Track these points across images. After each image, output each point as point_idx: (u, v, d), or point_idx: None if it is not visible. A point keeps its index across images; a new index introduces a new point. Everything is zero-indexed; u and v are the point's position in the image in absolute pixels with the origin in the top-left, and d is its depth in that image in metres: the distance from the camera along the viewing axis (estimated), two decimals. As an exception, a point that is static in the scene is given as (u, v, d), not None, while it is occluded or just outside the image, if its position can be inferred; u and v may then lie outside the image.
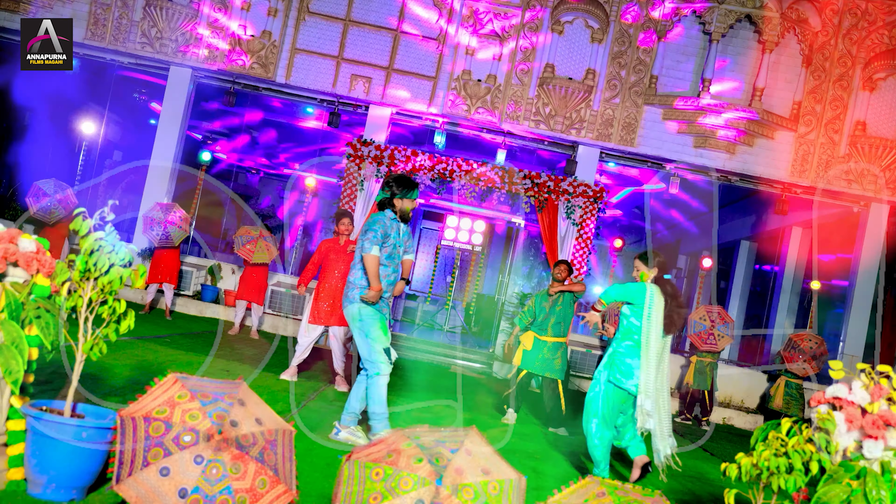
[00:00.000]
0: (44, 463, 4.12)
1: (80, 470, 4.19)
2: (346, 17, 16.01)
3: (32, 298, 4.24)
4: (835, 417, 4.18)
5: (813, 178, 15.68)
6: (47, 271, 4.35)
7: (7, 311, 4.12)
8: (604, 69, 15.78)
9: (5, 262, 4.23)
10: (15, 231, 4.37)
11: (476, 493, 3.77)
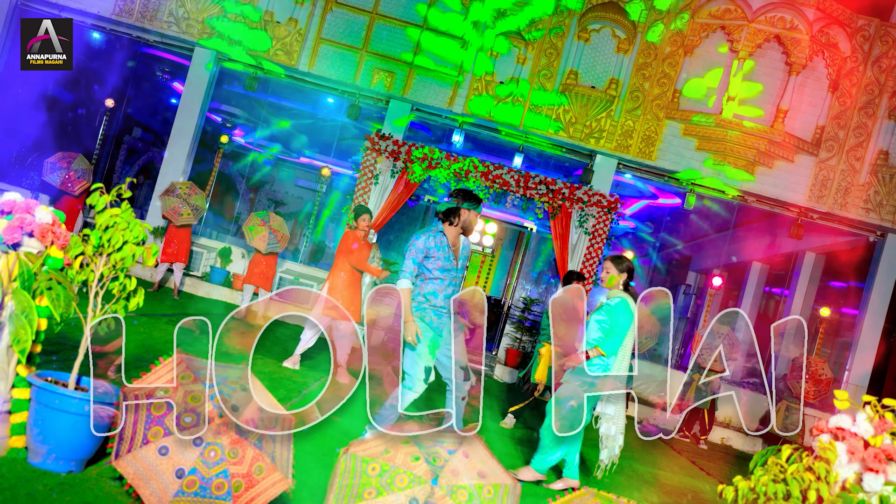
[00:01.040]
0: (45, 433, 4.14)
1: (81, 443, 4.21)
2: (373, 10, 16.00)
3: (45, 270, 4.25)
4: (836, 448, 4.13)
5: (830, 204, 15.61)
6: (61, 244, 4.37)
7: (20, 281, 4.14)
8: (627, 80, 15.74)
9: (21, 233, 4.24)
10: (33, 202, 4.39)
11: (470, 496, 3.80)
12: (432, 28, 15.95)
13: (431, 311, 6.70)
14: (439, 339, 6.71)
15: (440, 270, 6.68)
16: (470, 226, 6.82)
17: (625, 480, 8.57)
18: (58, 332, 4.77)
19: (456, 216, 6.80)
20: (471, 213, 6.79)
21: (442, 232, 6.78)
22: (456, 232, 6.79)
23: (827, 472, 4.03)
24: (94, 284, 4.34)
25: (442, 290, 6.71)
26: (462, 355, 6.85)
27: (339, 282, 9.82)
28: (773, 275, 20.54)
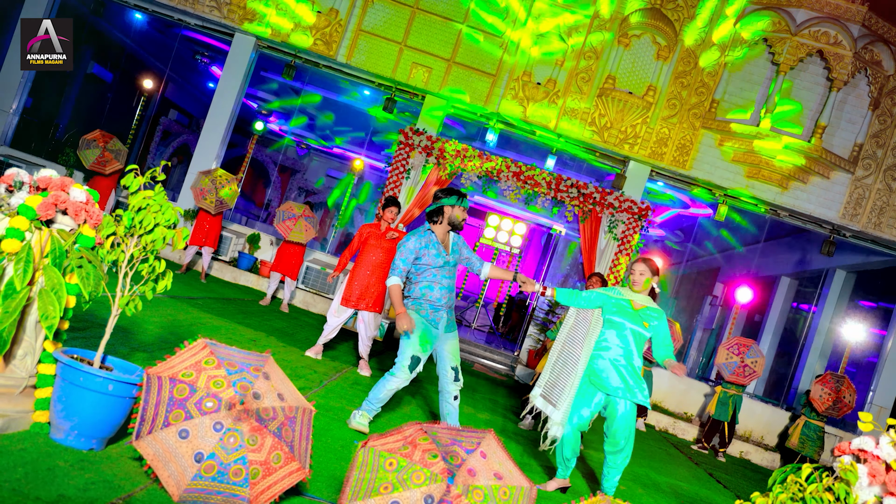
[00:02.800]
0: (69, 410, 4.17)
1: (103, 421, 4.24)
2: (415, 4, 15.99)
3: (76, 248, 4.27)
4: (857, 469, 4.12)
5: (864, 222, 15.47)
6: (94, 223, 4.39)
7: (51, 258, 4.16)
8: (665, 87, 15.65)
9: (55, 209, 4.26)
10: (68, 179, 4.40)
11: (486, 497, 3.78)
12: (473, 25, 15.92)
13: (427, 305, 6.83)
14: (433, 332, 6.84)
15: (433, 267, 6.86)
16: (456, 221, 6.97)
17: (641, 490, 8.52)
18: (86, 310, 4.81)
19: (439, 215, 6.95)
20: (455, 208, 6.93)
21: (430, 231, 6.93)
22: (443, 229, 6.96)
23: (847, 494, 4.03)
24: (124, 265, 4.35)
25: (437, 283, 6.87)
26: (454, 356, 6.93)
27: (360, 272, 9.83)
28: (802, 290, 20.40)
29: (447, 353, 6.91)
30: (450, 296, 6.94)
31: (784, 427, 15.56)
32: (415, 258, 6.85)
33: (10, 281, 4.06)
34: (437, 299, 6.85)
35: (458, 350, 7.01)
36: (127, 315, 4.46)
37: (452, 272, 7.00)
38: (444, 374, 6.91)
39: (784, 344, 20.22)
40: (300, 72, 17.20)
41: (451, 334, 6.97)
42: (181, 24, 17.08)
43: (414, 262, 6.88)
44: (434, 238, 6.90)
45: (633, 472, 9.45)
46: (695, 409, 15.75)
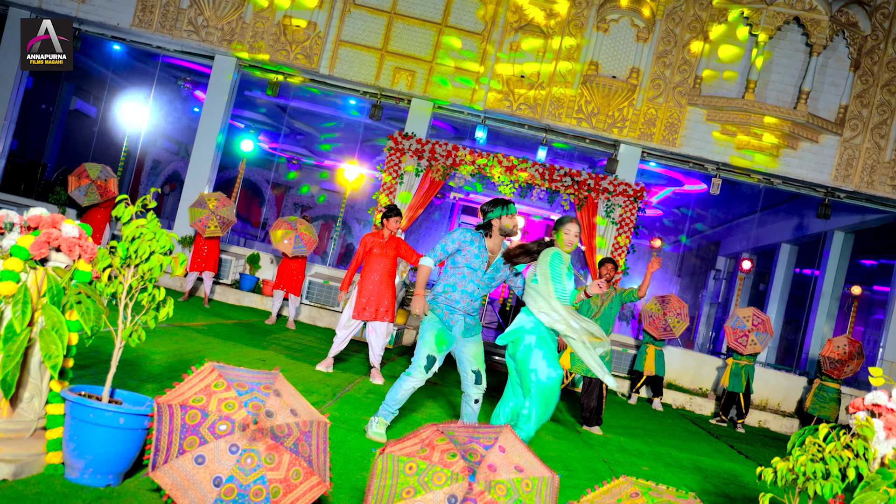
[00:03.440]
0: (81, 448, 4.14)
1: (117, 455, 4.21)
2: (391, 9, 16.00)
3: (74, 284, 4.24)
4: (873, 424, 4.17)
5: (857, 182, 15.49)
6: (89, 257, 4.36)
7: (49, 296, 4.13)
8: (648, 68, 15.67)
9: (48, 247, 4.24)
10: (59, 216, 4.37)
11: (509, 491, 3.76)
12: (451, 25, 15.92)
13: (444, 305, 6.73)
14: (449, 335, 6.73)
15: (467, 266, 6.68)
16: (507, 229, 6.75)
17: (664, 468, 8.53)
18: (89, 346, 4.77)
19: (489, 228, 6.79)
20: (502, 219, 6.74)
21: (483, 234, 6.81)
22: (496, 241, 6.78)
23: (865, 449, 4.05)
24: (124, 296, 4.30)
25: (462, 286, 6.71)
26: (475, 360, 6.82)
27: (368, 283, 9.80)
28: (803, 256, 20.41)
29: (467, 356, 6.79)
30: (471, 302, 6.77)
31: (801, 392, 15.61)
32: (455, 250, 6.73)
33: (9, 324, 4.03)
34: (455, 301, 6.72)
35: (482, 354, 6.86)
36: (131, 346, 4.37)
37: (484, 283, 6.81)
38: (464, 376, 6.82)
39: (791, 310, 20.23)
40: (284, 87, 17.19)
41: (472, 339, 6.83)
42: (161, 51, 17.07)
43: (453, 254, 6.77)
44: (483, 242, 6.75)
45: (655, 451, 9.50)
46: (709, 383, 15.78)
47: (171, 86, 19.94)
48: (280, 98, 17.79)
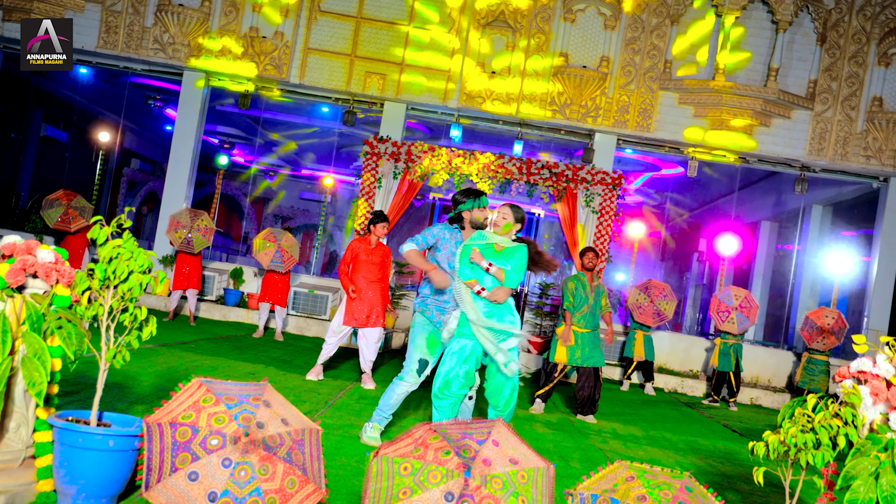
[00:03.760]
0: (73, 473, 4.10)
1: (109, 479, 4.18)
2: (358, 14, 15.96)
3: (53, 309, 4.19)
4: (860, 391, 4.17)
5: (831, 155, 15.57)
6: (67, 281, 4.31)
7: (28, 323, 4.09)
8: (617, 56, 15.71)
9: (24, 274, 4.19)
10: (33, 242, 4.33)
11: (505, 483, 3.75)
12: (419, 25, 15.91)
13: (434, 306, 6.70)
14: (440, 336, 6.66)
15: (449, 265, 6.64)
16: (477, 222, 6.71)
17: (660, 451, 8.57)
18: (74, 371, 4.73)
19: (461, 220, 6.78)
20: (473, 211, 6.71)
21: (458, 228, 6.80)
22: (469, 233, 6.72)
23: (854, 417, 4.07)
24: (105, 318, 4.26)
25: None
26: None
27: (356, 289, 9.78)
28: (784, 232, 20.49)
29: None
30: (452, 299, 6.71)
31: (791, 367, 15.73)
32: (433, 245, 6.68)
33: (-11, 354, 3.99)
34: (444, 301, 6.70)
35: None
36: (117, 368, 4.33)
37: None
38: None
39: (775, 286, 20.29)
40: (256, 99, 17.14)
41: None
42: (128, 71, 16.99)
43: (433, 251, 6.74)
44: (459, 236, 6.73)
45: (649, 436, 9.54)
46: (699, 365, 15.85)
47: (141, 105, 19.84)
48: (252, 110, 17.72)
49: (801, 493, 4.24)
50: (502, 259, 6.36)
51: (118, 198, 21.38)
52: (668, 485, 3.86)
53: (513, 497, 3.74)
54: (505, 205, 6.58)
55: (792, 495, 4.19)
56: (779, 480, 4.24)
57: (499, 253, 6.38)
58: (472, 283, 6.30)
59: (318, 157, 22.20)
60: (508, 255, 6.37)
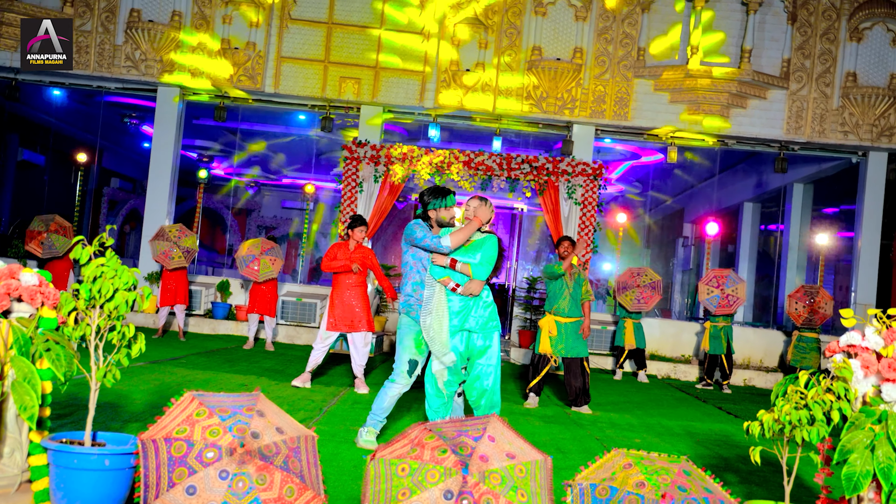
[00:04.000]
0: (70, 495, 4.06)
1: (107, 498, 4.14)
2: (328, 20, 15.92)
3: (40, 332, 4.16)
4: (851, 365, 4.18)
5: (809, 133, 15.64)
6: (52, 303, 4.29)
7: (16, 348, 4.06)
8: (591, 46, 15.72)
9: (9, 299, 4.18)
10: (16, 266, 4.32)
11: (503, 479, 3.76)
12: (391, 27, 15.88)
13: (418, 305, 6.66)
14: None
15: (429, 261, 6.63)
16: (442, 222, 6.74)
17: (656, 438, 8.57)
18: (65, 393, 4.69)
19: (428, 218, 6.79)
20: (439, 211, 6.73)
21: (430, 226, 6.77)
22: (436, 231, 6.72)
23: (846, 391, 4.09)
24: (93, 338, 4.23)
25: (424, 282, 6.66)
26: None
27: (340, 295, 9.77)
28: (766, 212, 20.56)
29: None
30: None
31: (782, 346, 15.80)
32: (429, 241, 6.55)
33: (-22, 381, 3.95)
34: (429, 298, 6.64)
35: None
36: (107, 387, 4.30)
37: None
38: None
39: (761, 267, 20.37)
40: (232, 111, 17.08)
41: None
42: (102, 90, 16.93)
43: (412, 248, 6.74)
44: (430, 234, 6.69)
45: (645, 423, 9.52)
46: (690, 349, 15.88)
47: (118, 124, 19.73)
48: (230, 122, 17.63)
49: (799, 470, 4.27)
50: (471, 252, 6.41)
51: (99, 218, 21.24)
52: (666, 470, 3.87)
53: (512, 491, 3.74)
54: (473, 198, 6.64)
55: (790, 473, 4.21)
56: (776, 459, 4.25)
57: (468, 247, 6.44)
58: (446, 280, 6.35)
59: (298, 166, 22.12)
60: (477, 246, 6.43)
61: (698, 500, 3.74)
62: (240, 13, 15.91)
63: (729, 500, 3.88)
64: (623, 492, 3.79)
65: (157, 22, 15.70)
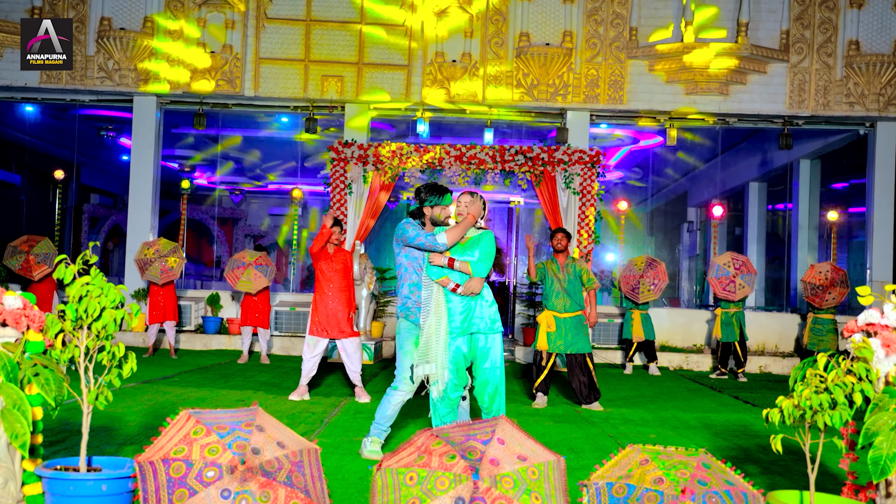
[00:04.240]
0: (67, 524, 4.02)
1: (106, 525, 4.10)
2: (307, 17, 15.57)
3: (27, 356, 4.10)
4: (871, 344, 4.13)
5: (813, 106, 15.30)
6: (38, 326, 4.22)
7: (3, 374, 3.96)
8: (580, 29, 15.35)
9: (-7, 325, 4.11)
10: (-2, 289, 4.25)
11: (516, 482, 3.72)
12: (372, 21, 15.54)
13: (416, 308, 6.56)
14: None
15: (423, 261, 6.54)
16: (437, 220, 6.62)
17: (671, 432, 8.41)
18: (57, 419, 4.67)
19: (422, 216, 6.70)
20: (434, 209, 6.63)
21: (421, 224, 6.68)
22: (429, 230, 6.64)
23: (867, 371, 4.04)
24: (82, 359, 4.17)
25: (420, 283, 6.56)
26: None
27: (323, 300, 9.69)
28: (773, 191, 20.36)
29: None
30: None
31: (797, 330, 15.50)
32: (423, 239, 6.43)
33: (-33, 411, 3.90)
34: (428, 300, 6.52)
35: None
36: (100, 409, 4.24)
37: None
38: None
39: (771, 249, 20.13)
40: (212, 118, 16.79)
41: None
42: (76, 103, 16.61)
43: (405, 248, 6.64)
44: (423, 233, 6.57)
45: (659, 417, 9.40)
46: (702, 338, 15.61)
47: (94, 138, 19.43)
48: (210, 129, 17.28)
49: (823, 457, 4.19)
50: (468, 249, 6.39)
51: (81, 236, 20.91)
52: (685, 464, 3.85)
53: (525, 494, 3.70)
54: (463, 193, 6.60)
55: (813, 460, 4.14)
56: (798, 447, 4.16)
57: (464, 244, 6.42)
58: (444, 280, 6.29)
59: (284, 170, 21.92)
60: (474, 243, 6.41)
61: (720, 494, 3.70)
62: (214, 15, 15.56)
63: (751, 492, 3.83)
64: (641, 489, 3.76)
65: (128, 30, 15.32)
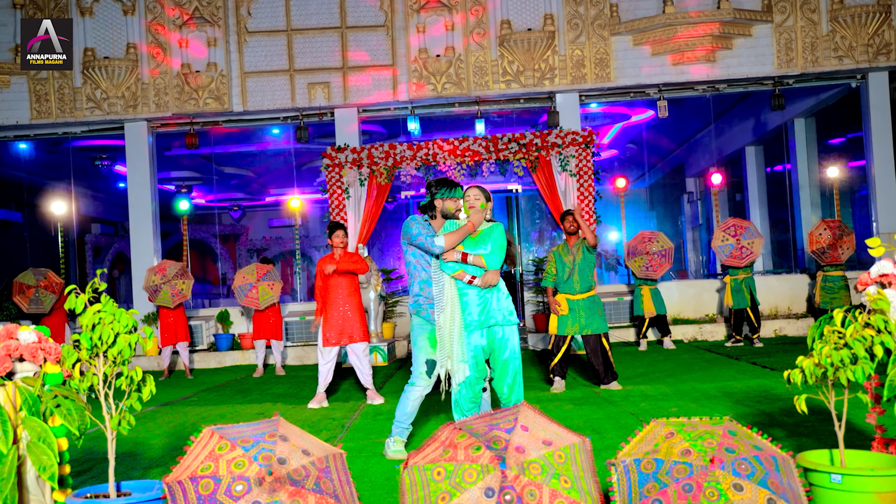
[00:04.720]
0: (101, 551, 4.01)
1: (139, 548, 4.10)
2: (287, 27, 15.55)
3: (47, 388, 4.09)
4: (886, 295, 4.06)
5: (802, 64, 15.17)
6: (55, 358, 4.22)
7: (25, 408, 3.98)
8: (561, 11, 15.27)
9: (10, 360, 4.10)
10: (12, 326, 4.23)
11: (544, 467, 3.74)
12: (352, 25, 15.50)
13: (427, 304, 6.55)
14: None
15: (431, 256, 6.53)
16: (448, 213, 6.58)
17: (693, 404, 8.34)
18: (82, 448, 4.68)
19: (432, 209, 6.66)
20: (445, 201, 6.58)
21: (432, 216, 6.66)
22: (440, 223, 6.62)
23: (885, 323, 3.97)
24: (101, 387, 4.22)
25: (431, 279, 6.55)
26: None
27: (332, 307, 9.66)
28: (770, 153, 20.25)
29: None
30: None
31: (808, 290, 15.43)
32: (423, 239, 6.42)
33: (-6, 448, 3.90)
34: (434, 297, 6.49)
35: None
36: (123, 434, 4.26)
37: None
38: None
39: (774, 212, 20.03)
40: (203, 137, 16.76)
41: None
42: (68, 136, 16.58)
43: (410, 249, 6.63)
44: (432, 229, 6.58)
45: (679, 390, 9.32)
46: (713, 308, 15.54)
47: (89, 168, 19.45)
48: (202, 148, 17.27)
49: (849, 414, 4.20)
50: (480, 243, 6.34)
51: (86, 266, 20.94)
52: (711, 433, 3.83)
53: (554, 479, 3.72)
54: (470, 187, 6.59)
55: (839, 417, 4.09)
56: (822, 406, 4.15)
57: (475, 238, 6.36)
58: (460, 274, 6.24)
59: (280, 181, 21.88)
60: (486, 236, 6.36)
61: (748, 459, 3.67)
62: (195, 34, 15.53)
63: (781, 455, 3.78)
64: (669, 462, 3.74)
65: (112, 58, 15.29)
